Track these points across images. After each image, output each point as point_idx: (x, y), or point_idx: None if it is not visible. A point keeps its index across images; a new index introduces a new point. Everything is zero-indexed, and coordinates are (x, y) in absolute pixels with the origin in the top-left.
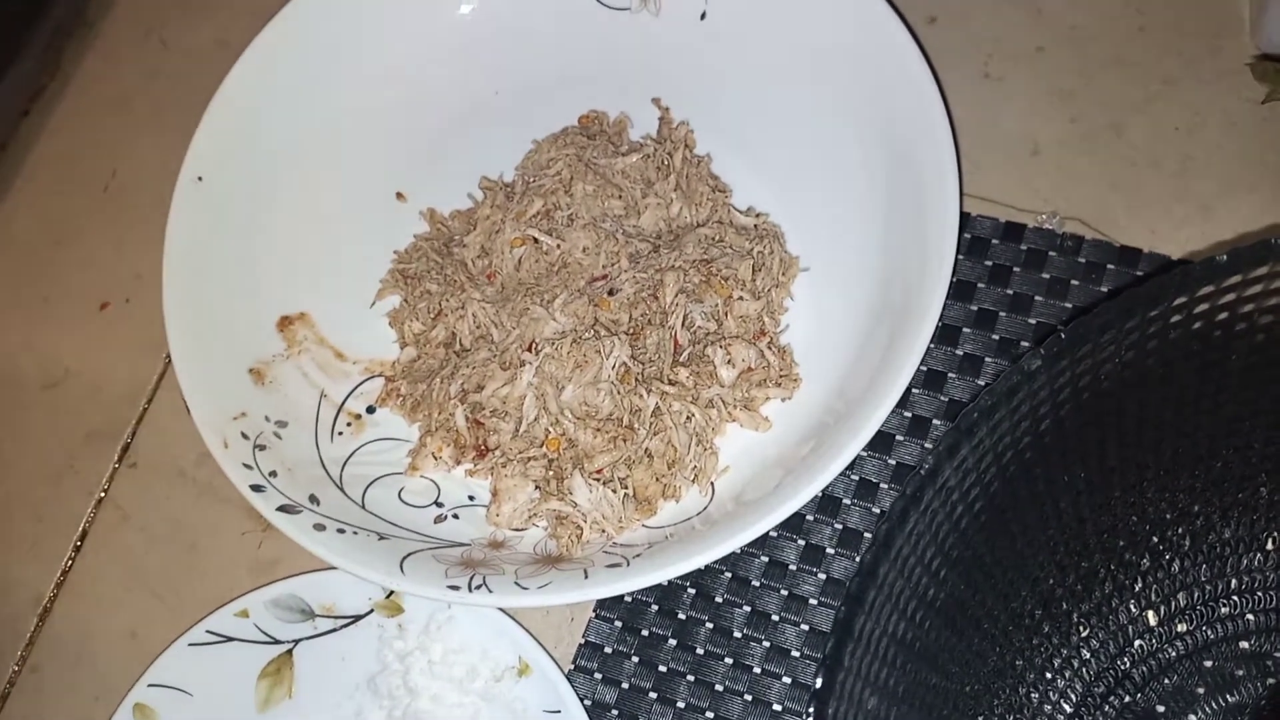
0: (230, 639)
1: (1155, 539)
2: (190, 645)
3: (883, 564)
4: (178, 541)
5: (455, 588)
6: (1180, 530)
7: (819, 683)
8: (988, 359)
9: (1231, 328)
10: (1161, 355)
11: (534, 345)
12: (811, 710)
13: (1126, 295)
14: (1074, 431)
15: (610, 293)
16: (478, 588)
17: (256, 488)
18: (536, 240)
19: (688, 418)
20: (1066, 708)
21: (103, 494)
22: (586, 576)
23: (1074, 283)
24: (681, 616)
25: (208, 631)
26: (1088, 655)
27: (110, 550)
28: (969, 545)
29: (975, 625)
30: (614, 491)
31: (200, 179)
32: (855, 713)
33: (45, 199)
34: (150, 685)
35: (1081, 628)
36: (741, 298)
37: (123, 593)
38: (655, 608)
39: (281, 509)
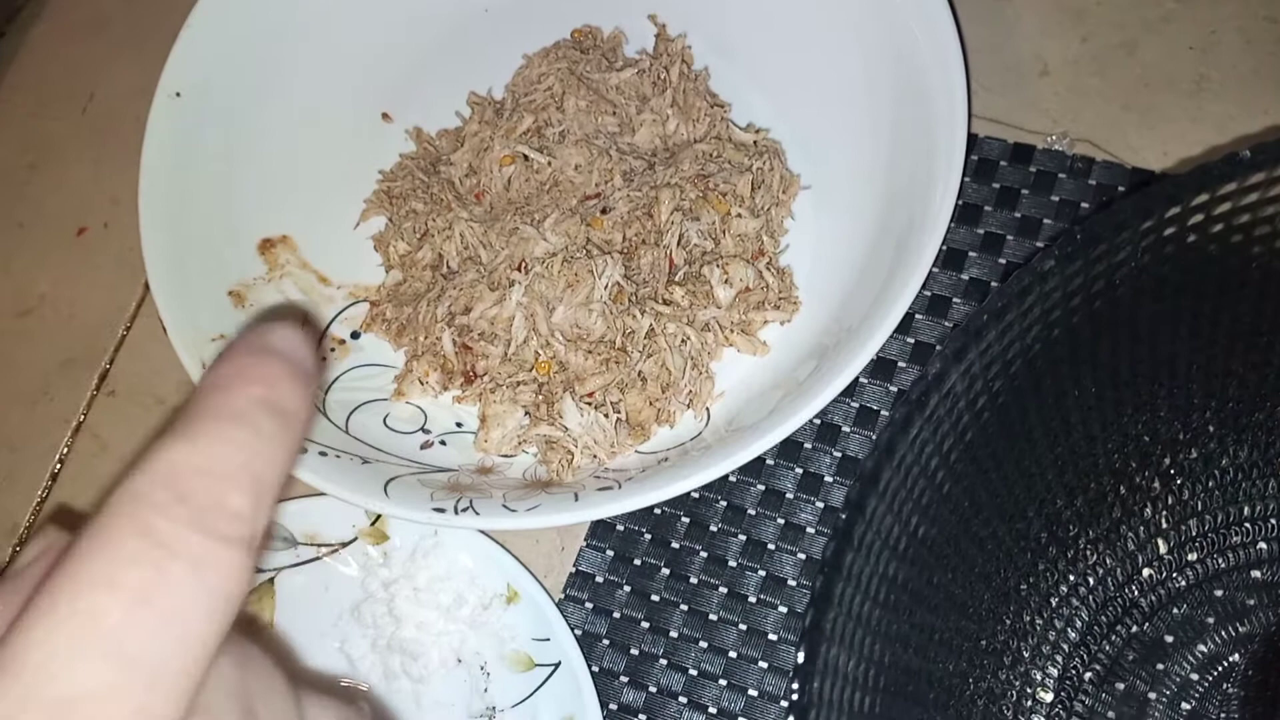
0: None
1: (1167, 461)
2: None
3: (885, 471)
4: None
5: (441, 510)
6: (1193, 452)
7: (817, 585)
8: (994, 284)
9: (1253, 232)
10: (1179, 261)
11: (523, 265)
12: (809, 622)
13: (1143, 194)
14: (1086, 340)
15: (603, 211)
16: (464, 510)
17: None
18: (526, 158)
19: (683, 340)
20: (1072, 635)
21: (80, 422)
22: (576, 499)
23: (1084, 205)
24: (675, 545)
25: None
26: (1094, 582)
27: (88, 479)
28: (974, 458)
29: (979, 544)
30: (606, 416)
31: (178, 94)
32: (854, 626)
33: (21, 122)
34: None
35: (1089, 553)
36: (740, 215)
37: None
38: (648, 537)
39: None
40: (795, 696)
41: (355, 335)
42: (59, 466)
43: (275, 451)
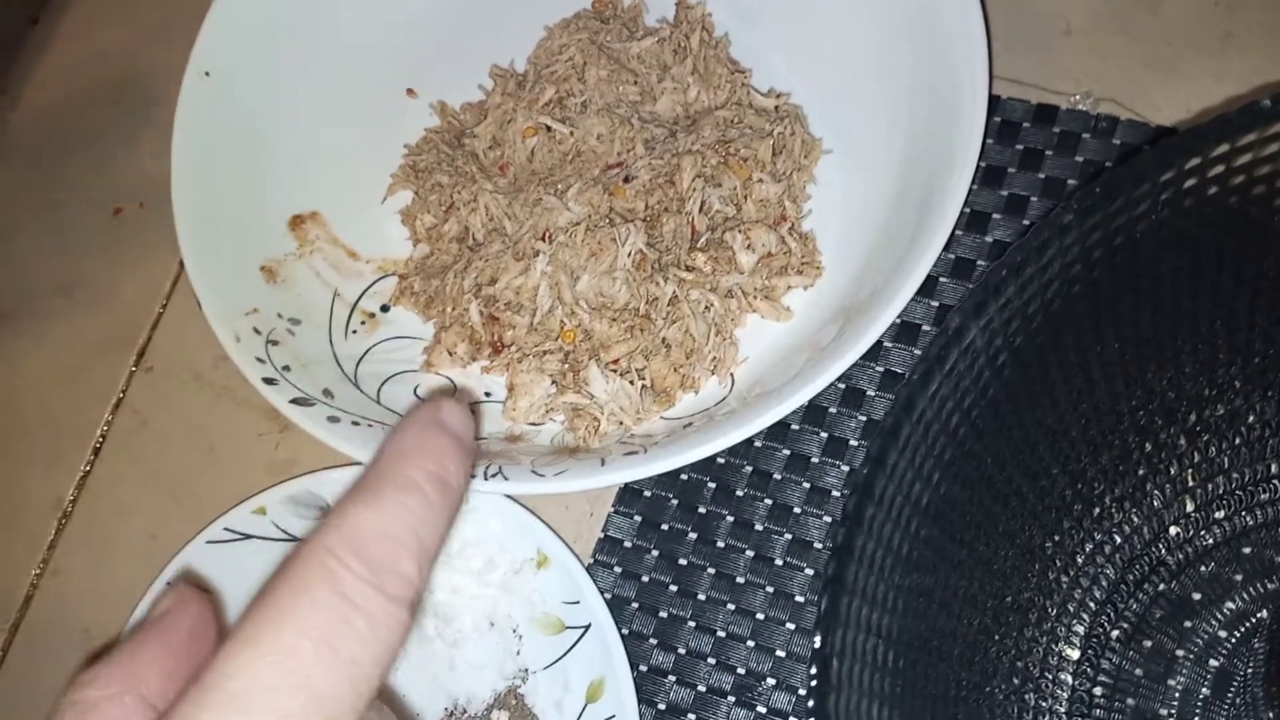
0: (248, 536)
1: (1193, 417)
2: (209, 543)
3: (905, 426)
4: (195, 444)
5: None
6: (1219, 408)
7: (839, 538)
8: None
9: (1275, 184)
10: (1200, 214)
11: (548, 235)
12: (830, 573)
13: (1162, 145)
14: (1107, 295)
15: (625, 180)
16: (493, 475)
17: (269, 380)
18: (549, 129)
19: (706, 307)
20: (1098, 593)
21: (119, 399)
22: (603, 464)
23: (1108, 165)
24: (702, 511)
25: (225, 529)
26: (1121, 540)
27: (128, 454)
28: (996, 414)
29: (1003, 501)
30: (631, 383)
31: (207, 74)
32: (875, 580)
33: (57, 106)
34: (168, 583)
35: (1115, 511)
36: (761, 180)
37: (141, 495)
38: (675, 502)
39: (295, 401)
40: (817, 645)
41: (385, 309)
42: (100, 442)
43: (440, 520)
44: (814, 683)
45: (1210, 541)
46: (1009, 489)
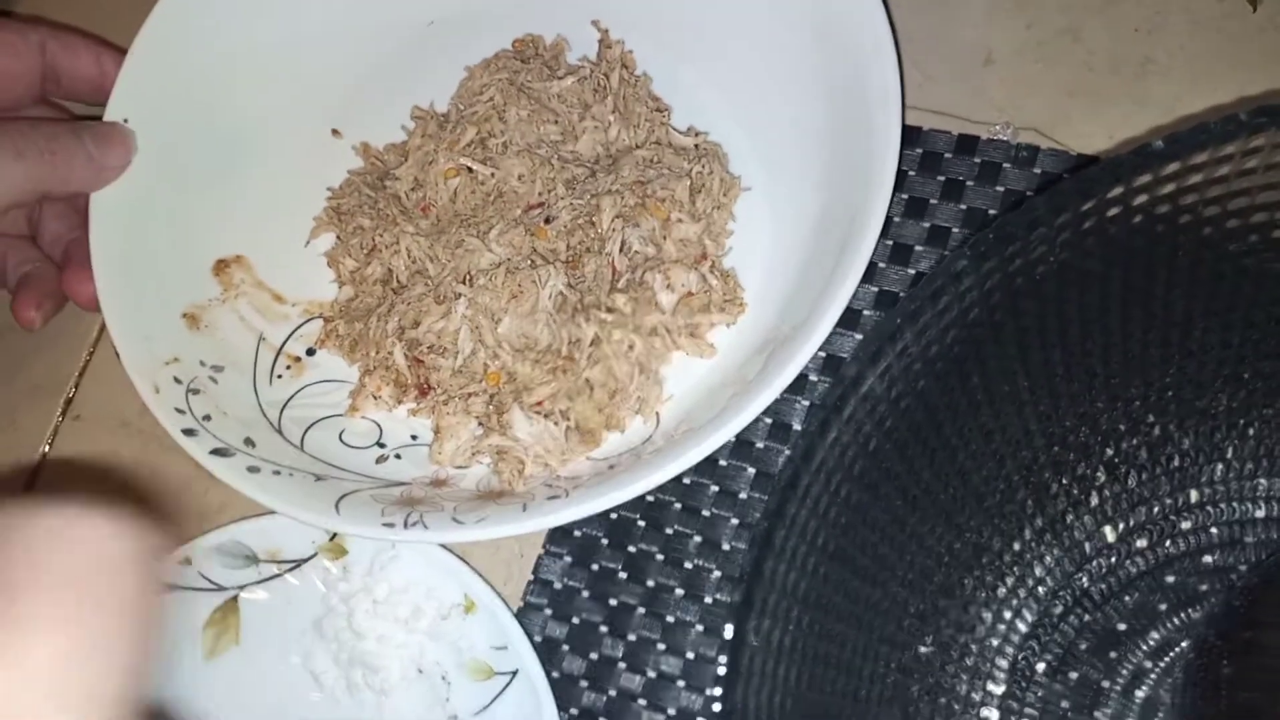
0: (174, 587)
1: (1110, 451)
2: None
3: (804, 476)
4: (124, 494)
5: (390, 525)
6: (1135, 441)
7: (736, 598)
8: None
9: (1175, 220)
10: (1100, 252)
11: (468, 277)
12: (733, 636)
13: (1055, 189)
14: (1012, 336)
15: (547, 220)
16: (414, 524)
17: (189, 432)
18: (471, 169)
19: (629, 346)
20: (1021, 627)
21: (48, 447)
22: (525, 509)
23: (1030, 194)
24: (632, 549)
25: None
26: (1041, 573)
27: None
28: (903, 457)
29: (916, 540)
30: (555, 424)
31: (125, 121)
32: (782, 633)
33: None
34: None
35: (1034, 545)
36: (680, 220)
37: None
38: (605, 541)
39: (215, 452)
40: (719, 707)
41: (311, 352)
42: (28, 490)
43: None
44: None
45: (1133, 570)
46: (921, 529)
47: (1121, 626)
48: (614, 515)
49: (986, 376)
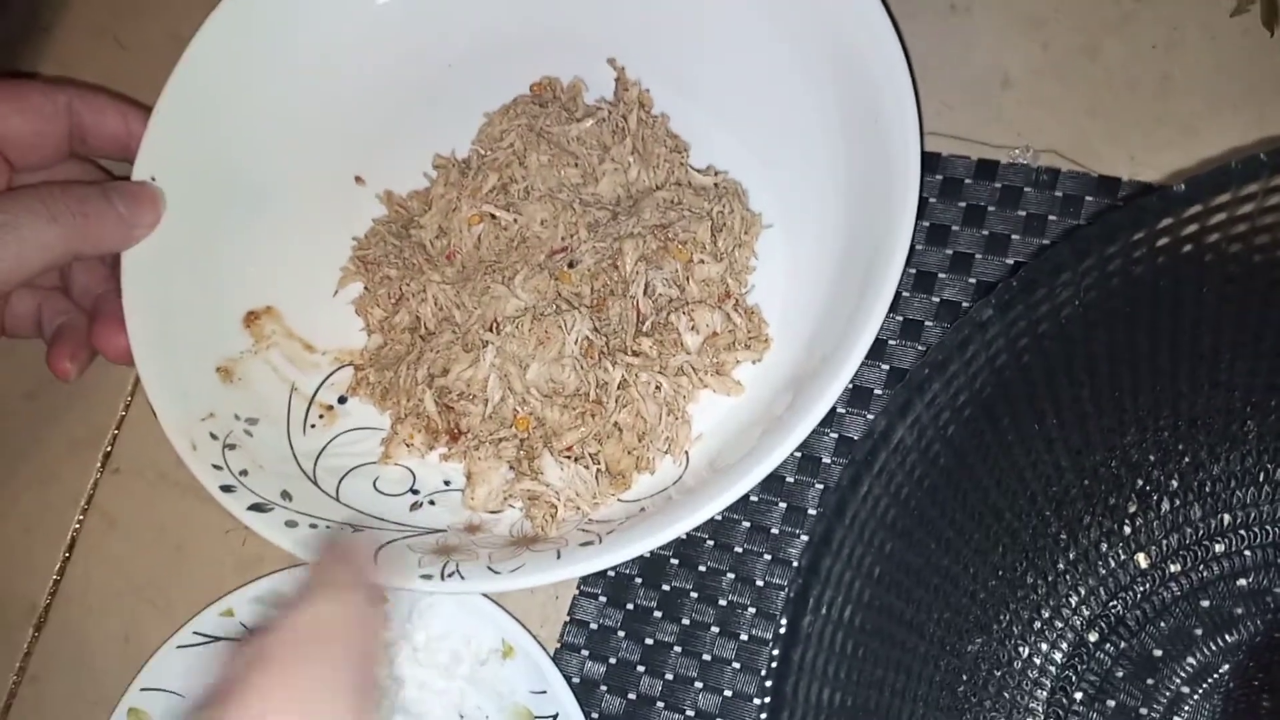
0: (217, 639)
1: (1141, 482)
2: (179, 647)
3: (837, 530)
4: (163, 544)
5: (428, 576)
6: (1167, 469)
7: (777, 651)
8: (965, 304)
9: (1200, 259)
10: (1126, 293)
11: (495, 325)
12: (773, 685)
13: (1079, 234)
14: (1040, 378)
15: (570, 265)
16: (450, 575)
17: (227, 488)
18: (494, 216)
19: (656, 388)
20: (1058, 657)
21: (88, 501)
22: (559, 557)
23: (1051, 218)
24: (666, 588)
25: (195, 633)
26: (1076, 602)
27: (99, 557)
28: (935, 501)
29: (952, 581)
30: (586, 468)
31: (153, 178)
32: (820, 687)
33: None
34: (143, 690)
35: (1069, 576)
36: (702, 261)
37: (114, 598)
38: (640, 580)
39: (253, 508)
40: None
41: (343, 400)
42: (70, 548)
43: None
44: None
45: (1168, 596)
46: (958, 567)
47: (1158, 653)
48: (648, 554)
49: (1016, 418)
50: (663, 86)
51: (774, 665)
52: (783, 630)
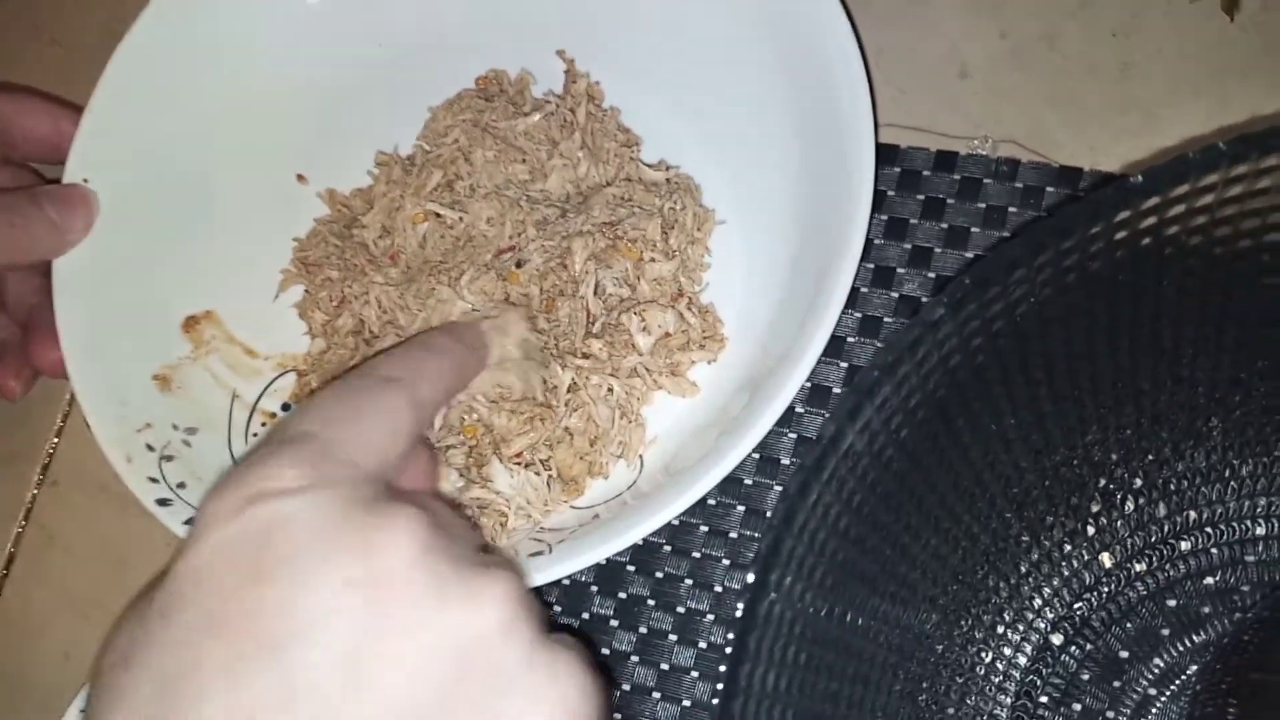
0: None
1: (1104, 481)
2: None
3: (786, 540)
4: (104, 558)
5: None
6: (1131, 468)
7: (726, 669)
8: (924, 298)
9: (1159, 252)
10: (1084, 288)
11: None
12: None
13: (1034, 229)
14: (997, 378)
15: (518, 265)
16: None
17: (163, 502)
18: (439, 215)
19: (608, 390)
20: (1022, 661)
21: (26, 516)
22: None
23: (1012, 210)
24: (623, 595)
25: None
26: (1040, 605)
27: (38, 572)
28: (889, 506)
29: (911, 588)
30: (536, 474)
31: (85, 181)
32: (771, 704)
33: None
34: (83, 710)
35: (1031, 578)
36: (654, 259)
37: (54, 615)
38: (595, 588)
39: (190, 522)
40: None
41: (286, 407)
42: (8, 564)
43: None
44: None
45: (1134, 596)
46: (914, 575)
47: (1124, 654)
48: (603, 560)
49: (972, 419)
50: (616, 78)
51: (720, 686)
52: (729, 650)
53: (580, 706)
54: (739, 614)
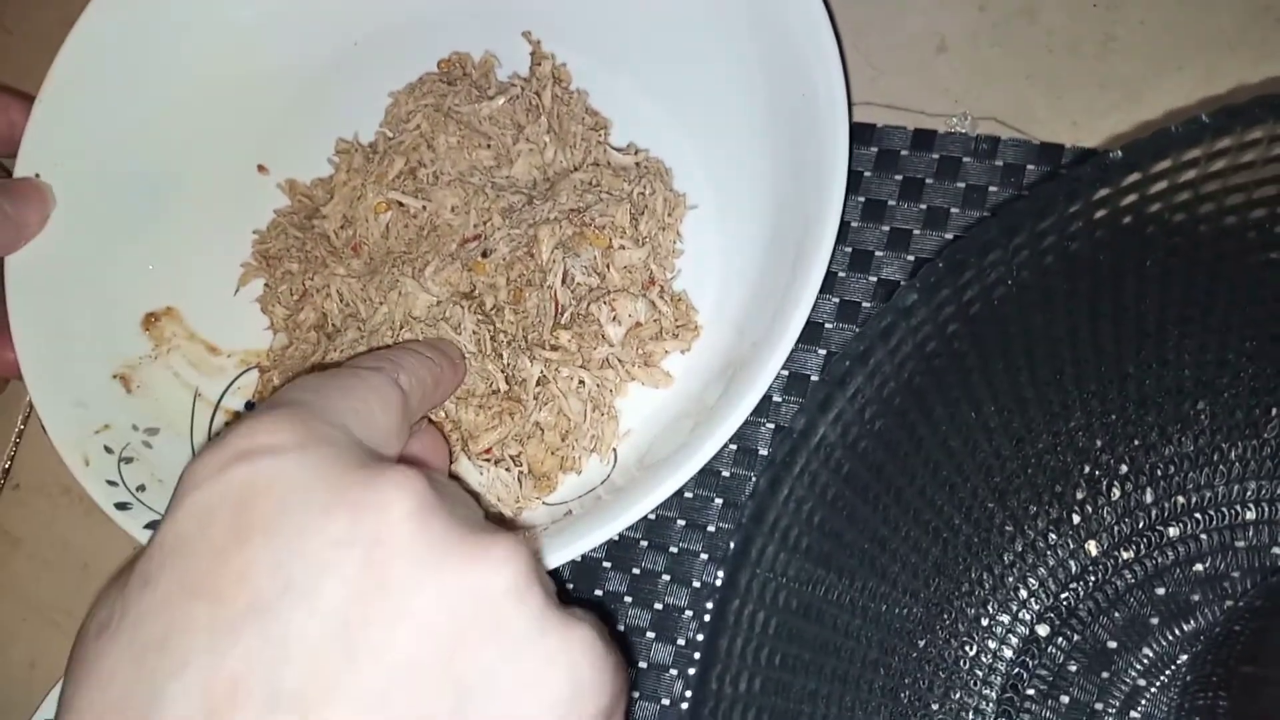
0: None
1: (1089, 468)
2: None
3: (756, 539)
4: (68, 563)
5: None
6: (1117, 453)
7: (696, 674)
8: (903, 282)
9: (1141, 230)
10: (1063, 270)
11: (407, 321)
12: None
13: (1010, 209)
14: (975, 364)
15: (484, 254)
16: None
17: (122, 505)
18: (401, 204)
19: (579, 383)
20: (1008, 654)
21: None
22: None
23: (992, 189)
24: (600, 592)
25: None
26: (1025, 596)
27: (1, 579)
28: (866, 499)
29: (890, 583)
30: (507, 470)
31: (38, 175)
32: (746, 706)
33: None
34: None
35: (1016, 569)
36: (623, 246)
37: (17, 622)
38: (572, 585)
39: (151, 526)
40: None
41: (250, 405)
42: None
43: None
44: None
45: (1121, 585)
46: (894, 569)
47: (1112, 644)
48: (578, 557)
49: (950, 407)
50: (584, 59)
51: (688, 692)
52: (698, 655)
53: (594, 679)
54: (709, 628)
